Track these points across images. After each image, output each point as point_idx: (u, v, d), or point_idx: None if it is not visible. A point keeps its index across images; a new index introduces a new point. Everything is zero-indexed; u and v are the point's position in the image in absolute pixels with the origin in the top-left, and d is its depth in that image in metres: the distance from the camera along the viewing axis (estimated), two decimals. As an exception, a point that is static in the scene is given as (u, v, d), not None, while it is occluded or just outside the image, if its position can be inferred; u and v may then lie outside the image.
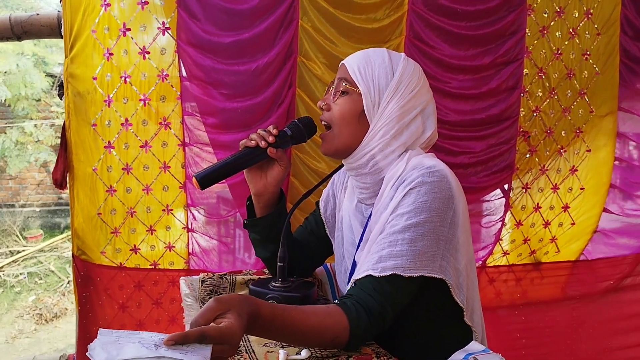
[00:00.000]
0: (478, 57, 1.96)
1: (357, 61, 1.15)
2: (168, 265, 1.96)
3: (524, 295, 2.25)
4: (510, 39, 1.97)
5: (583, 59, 2.05)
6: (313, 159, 1.89)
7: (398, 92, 1.12)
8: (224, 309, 0.81)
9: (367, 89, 1.12)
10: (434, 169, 1.05)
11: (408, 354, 0.99)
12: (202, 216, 1.95)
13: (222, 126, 1.84)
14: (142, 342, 0.74)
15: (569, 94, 2.07)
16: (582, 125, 2.11)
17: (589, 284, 2.29)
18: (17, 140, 7.20)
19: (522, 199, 2.13)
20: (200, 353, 0.73)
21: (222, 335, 0.77)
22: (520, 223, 2.15)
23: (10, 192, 8.06)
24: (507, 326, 2.27)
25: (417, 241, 1.01)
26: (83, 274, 1.91)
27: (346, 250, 1.25)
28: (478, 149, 2.02)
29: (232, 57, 1.80)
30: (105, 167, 1.81)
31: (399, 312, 1.04)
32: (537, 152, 2.09)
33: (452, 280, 1.04)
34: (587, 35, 2.04)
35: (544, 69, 2.03)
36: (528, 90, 2.02)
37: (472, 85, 1.98)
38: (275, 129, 1.17)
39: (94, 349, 0.72)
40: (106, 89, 1.77)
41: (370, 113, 1.12)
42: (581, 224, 2.20)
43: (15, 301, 5.88)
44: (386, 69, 1.13)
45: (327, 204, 1.35)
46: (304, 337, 0.95)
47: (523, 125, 2.05)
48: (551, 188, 2.15)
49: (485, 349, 0.95)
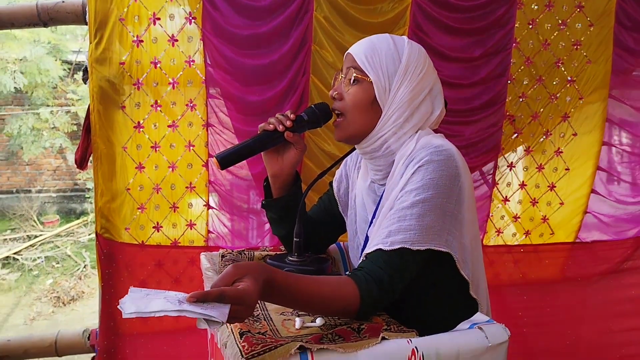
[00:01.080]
0: (470, 48, 2.07)
1: (364, 50, 1.16)
2: (188, 243, 2.06)
3: (525, 275, 2.32)
4: (500, 31, 2.07)
5: (573, 49, 2.14)
6: (325, 142, 2.00)
7: (407, 77, 1.14)
8: (241, 274, 0.85)
9: (377, 77, 1.14)
10: (442, 148, 1.08)
11: (416, 325, 0.99)
12: (222, 195, 2.06)
13: (241, 110, 1.95)
14: (167, 298, 0.79)
15: (556, 81, 2.17)
16: (569, 111, 2.21)
17: (589, 266, 2.36)
18: (33, 127, 7.16)
19: (507, 177, 2.25)
20: (219, 310, 0.78)
21: (239, 296, 0.82)
22: (507, 199, 2.27)
23: (27, 178, 8.08)
24: (509, 305, 2.35)
25: (424, 216, 1.03)
26: (106, 251, 1.99)
27: (359, 227, 1.28)
28: (468, 132, 2.12)
29: (250, 48, 1.91)
30: (135, 145, 1.92)
31: (407, 285, 1.06)
32: (522, 134, 2.21)
33: (457, 255, 1.07)
34: (579, 26, 2.13)
35: (531, 58, 2.13)
36: (515, 78, 2.13)
37: (463, 75, 2.08)
38: (293, 114, 1.20)
39: (124, 302, 0.78)
40: (135, 74, 1.87)
41: (382, 100, 1.14)
42: (570, 204, 2.30)
43: (33, 284, 5.96)
44: (393, 55, 1.15)
45: (340, 184, 1.38)
46: (317, 305, 0.98)
47: (509, 110, 2.15)
48: (536, 168, 2.27)
49: (489, 319, 0.99)
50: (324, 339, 0.90)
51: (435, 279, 1.13)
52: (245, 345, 0.85)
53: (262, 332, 0.94)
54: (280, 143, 1.21)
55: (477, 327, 0.97)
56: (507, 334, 0.97)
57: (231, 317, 0.80)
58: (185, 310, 0.77)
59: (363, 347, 0.89)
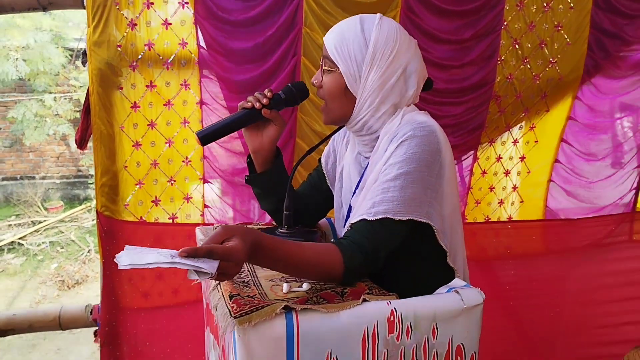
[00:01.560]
0: (461, 29, 2.10)
1: (334, 39, 1.18)
2: (185, 218, 2.11)
3: (509, 249, 2.42)
4: (490, 13, 2.10)
5: (555, 31, 2.19)
6: (316, 122, 2.04)
7: (375, 63, 1.15)
8: (230, 235, 0.90)
9: (346, 66, 1.16)
10: (425, 125, 1.12)
11: (397, 291, 1.03)
12: (215, 169, 2.11)
13: (232, 89, 2.00)
14: (160, 253, 0.84)
15: (539, 62, 2.22)
16: (548, 90, 2.27)
17: (571, 241, 2.46)
18: (37, 113, 7.19)
19: (486, 151, 2.34)
20: (208, 264, 0.84)
21: (227, 253, 0.86)
22: (485, 172, 2.36)
23: (31, 164, 8.16)
24: (496, 279, 2.43)
25: (406, 188, 1.08)
26: (106, 229, 2.03)
27: (344, 198, 1.32)
28: (457, 112, 2.17)
29: (241, 30, 1.94)
30: (132, 124, 1.96)
31: (390, 253, 1.11)
32: (505, 112, 2.27)
33: (437, 226, 1.12)
34: (561, 8, 2.17)
35: (518, 39, 2.17)
36: (503, 59, 2.17)
37: (454, 56, 2.12)
38: (270, 92, 1.24)
39: (120, 256, 0.83)
40: (130, 56, 1.90)
41: (353, 88, 1.18)
42: (535, 173, 2.41)
43: (38, 269, 6.05)
44: (359, 43, 1.16)
45: (328, 159, 1.44)
46: (301, 268, 1.02)
47: (497, 90, 2.20)
48: (512, 142, 2.37)
49: (466, 284, 1.05)
50: (309, 301, 0.96)
51: (416, 249, 1.17)
52: (234, 306, 0.91)
53: (251, 295, 0.99)
54: (259, 120, 1.25)
55: (454, 291, 1.03)
56: (482, 296, 1.02)
57: (220, 273, 0.86)
58: (177, 262, 0.83)
59: (345, 308, 0.95)
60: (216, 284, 1.03)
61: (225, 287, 1.01)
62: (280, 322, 0.90)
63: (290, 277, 1.11)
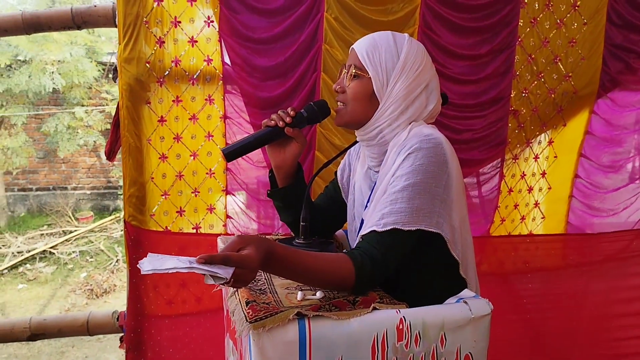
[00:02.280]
0: (477, 45, 2.14)
1: (365, 46, 1.23)
2: (208, 228, 2.16)
3: (528, 263, 2.41)
4: (505, 29, 2.13)
5: (569, 46, 2.22)
6: (335, 136, 2.09)
7: (404, 73, 1.20)
8: (245, 244, 0.94)
9: (376, 72, 1.21)
10: (431, 137, 1.14)
11: (408, 300, 1.05)
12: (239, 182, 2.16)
13: (255, 105, 2.06)
14: (179, 259, 0.90)
15: (554, 77, 2.24)
16: (564, 104, 2.28)
17: (589, 256, 2.44)
18: (69, 125, 7.41)
19: (512, 169, 2.34)
20: (224, 270, 0.88)
21: (242, 261, 0.90)
22: (511, 190, 2.36)
23: (63, 175, 8.37)
24: (514, 292, 2.43)
25: (414, 199, 1.10)
26: (134, 237, 2.09)
27: (356, 211, 1.35)
28: (478, 126, 2.21)
29: (264, 48, 2.01)
30: (158, 137, 2.04)
31: (401, 263, 1.13)
32: (524, 127, 2.29)
33: (448, 236, 1.14)
34: (575, 25, 2.20)
35: (533, 55, 2.20)
36: (518, 74, 2.20)
37: (471, 71, 2.15)
38: (293, 111, 1.28)
39: (143, 262, 0.89)
40: (158, 72, 1.98)
41: (379, 93, 1.22)
42: (557, 189, 2.40)
43: (68, 277, 6.20)
44: (392, 52, 1.21)
45: (344, 172, 1.47)
46: (314, 277, 1.05)
47: (513, 104, 2.22)
48: (533, 158, 2.37)
49: (475, 295, 1.07)
50: (321, 308, 1.00)
51: (427, 259, 1.19)
52: (250, 312, 0.96)
53: (267, 302, 1.03)
54: (281, 138, 1.29)
55: (462, 301, 1.04)
56: (490, 307, 1.04)
57: (235, 280, 0.91)
58: (195, 267, 0.88)
59: (355, 315, 0.98)
60: (234, 290, 1.08)
61: (242, 294, 1.06)
62: (293, 328, 0.94)
63: (305, 286, 1.14)
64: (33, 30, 2.13)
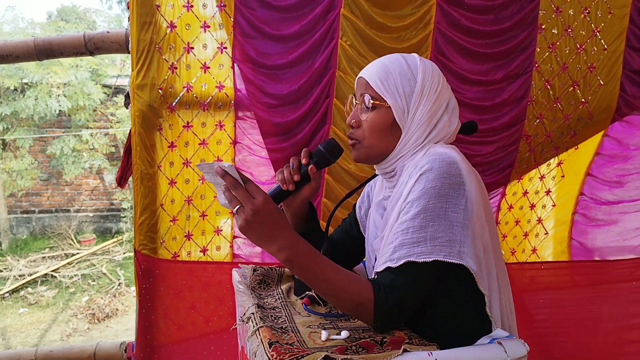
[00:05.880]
0: (492, 71, 2.11)
1: (377, 73, 1.13)
2: (215, 250, 2.15)
3: (539, 285, 2.41)
4: (521, 55, 2.10)
5: (588, 72, 2.19)
6: (347, 161, 2.05)
7: (424, 96, 1.12)
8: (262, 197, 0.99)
9: (395, 100, 1.11)
10: (445, 156, 1.04)
11: (434, 339, 0.99)
12: None
13: (267, 130, 2.04)
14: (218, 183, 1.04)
15: (571, 102, 2.21)
16: (578, 129, 2.25)
17: (605, 281, 2.43)
18: (74, 148, 7.48)
19: (514, 187, 2.35)
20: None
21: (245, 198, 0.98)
22: (511, 207, 2.37)
23: (66, 197, 8.38)
24: (526, 316, 2.40)
25: (427, 227, 1.00)
26: (144, 267, 2.06)
27: (371, 245, 1.26)
28: (487, 151, 2.18)
29: (278, 75, 1.99)
30: (168, 163, 2.02)
31: (425, 298, 1.05)
32: (535, 151, 2.26)
33: (474, 267, 1.02)
34: (594, 50, 2.18)
35: (551, 80, 2.16)
36: (534, 99, 2.16)
37: (485, 97, 2.12)
38: (297, 175, 1.18)
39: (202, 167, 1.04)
40: (169, 98, 1.96)
41: (401, 122, 1.12)
42: (561, 206, 2.42)
43: (70, 301, 6.17)
44: (407, 76, 1.12)
45: (362, 204, 1.39)
46: (332, 288, 1.01)
47: (527, 130, 2.19)
48: (539, 178, 2.36)
49: (509, 335, 1.00)
50: (348, 350, 0.94)
51: (451, 293, 1.09)
52: (274, 355, 0.90)
53: (290, 342, 0.98)
54: (294, 194, 1.23)
55: (496, 342, 0.98)
56: (526, 349, 0.98)
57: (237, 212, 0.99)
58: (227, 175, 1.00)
59: (385, 358, 0.91)
60: (254, 330, 1.03)
61: (264, 334, 1.01)
62: (321, 372, 0.88)
63: (328, 324, 1.09)
64: (45, 57, 2.11)
